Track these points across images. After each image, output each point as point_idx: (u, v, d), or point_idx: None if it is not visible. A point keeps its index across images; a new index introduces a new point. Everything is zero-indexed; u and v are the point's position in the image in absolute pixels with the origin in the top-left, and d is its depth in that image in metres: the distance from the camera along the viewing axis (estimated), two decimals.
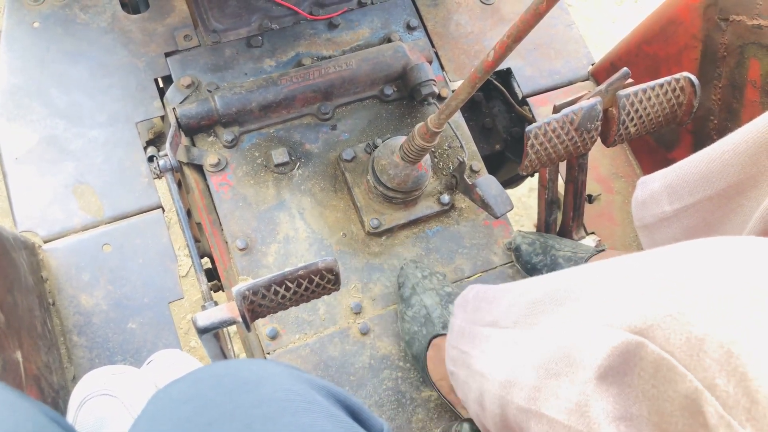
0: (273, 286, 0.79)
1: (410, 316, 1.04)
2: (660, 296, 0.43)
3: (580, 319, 0.50)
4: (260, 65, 1.24)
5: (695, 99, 0.99)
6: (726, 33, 1.01)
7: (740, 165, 0.78)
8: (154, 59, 1.22)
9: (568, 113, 0.95)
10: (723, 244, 0.44)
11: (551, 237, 1.14)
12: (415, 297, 1.05)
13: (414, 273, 1.08)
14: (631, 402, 0.45)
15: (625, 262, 0.51)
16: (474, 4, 1.36)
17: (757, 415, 0.37)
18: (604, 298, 0.48)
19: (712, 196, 0.83)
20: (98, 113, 1.17)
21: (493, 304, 0.71)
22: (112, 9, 1.24)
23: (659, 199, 0.90)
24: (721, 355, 0.38)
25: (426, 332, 1.00)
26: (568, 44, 1.36)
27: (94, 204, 1.11)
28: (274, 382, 0.40)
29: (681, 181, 0.86)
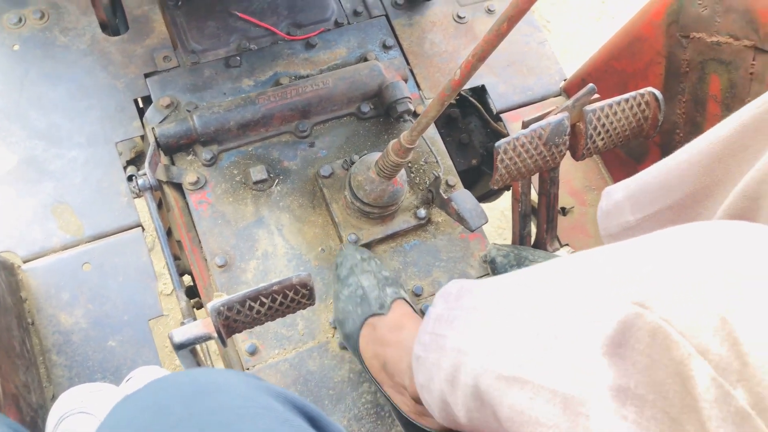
0: (248, 302, 0.81)
1: (345, 296, 1.04)
2: (660, 273, 0.45)
3: (581, 294, 0.51)
4: (239, 85, 1.26)
5: (660, 113, 1.02)
6: (687, 49, 1.04)
7: (696, 175, 0.81)
8: (134, 80, 1.24)
9: (536, 128, 0.98)
10: (716, 227, 0.47)
11: (525, 249, 1.16)
12: (352, 277, 1.05)
13: (353, 254, 1.08)
14: (627, 371, 0.47)
15: (624, 244, 0.53)
16: (448, 23, 1.39)
17: (747, 376, 0.39)
18: (605, 275, 0.50)
19: (672, 206, 0.86)
20: (77, 134, 1.18)
21: (477, 294, 0.72)
22: (92, 31, 1.26)
23: (623, 209, 0.93)
24: (715, 321, 0.41)
25: (361, 312, 1.01)
26: (540, 61, 1.39)
27: (74, 223, 1.12)
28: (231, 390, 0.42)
29: (642, 191, 0.89)
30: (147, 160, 1.10)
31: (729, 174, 0.79)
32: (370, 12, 1.38)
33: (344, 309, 1.03)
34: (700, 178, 0.82)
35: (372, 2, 1.38)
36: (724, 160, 0.79)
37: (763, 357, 0.38)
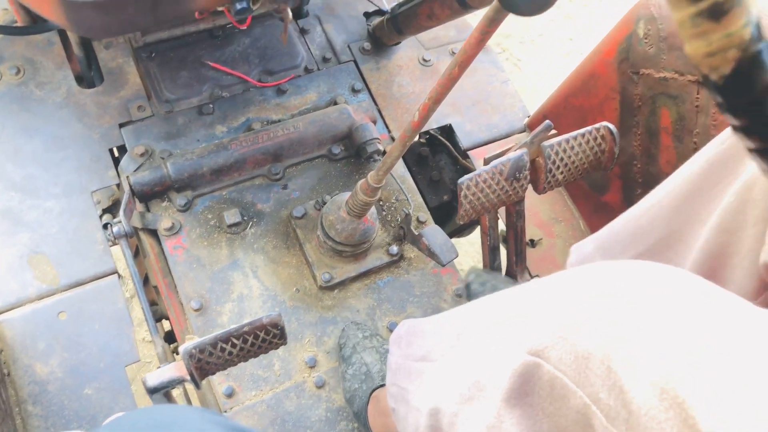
0: (219, 344, 0.82)
1: (351, 374, 1.06)
2: (552, 319, 0.48)
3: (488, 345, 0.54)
4: (212, 131, 1.29)
5: (615, 146, 1.06)
6: (638, 85, 1.09)
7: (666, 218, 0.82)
8: (109, 130, 1.27)
9: (497, 165, 1.02)
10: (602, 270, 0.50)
11: (504, 281, 1.16)
12: (355, 356, 1.07)
13: (355, 333, 1.11)
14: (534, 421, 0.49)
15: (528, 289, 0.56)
16: (414, 66, 1.44)
17: (634, 424, 0.41)
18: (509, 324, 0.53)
19: (643, 253, 0.86)
20: (53, 185, 1.20)
21: (423, 338, 0.74)
22: (67, 84, 1.29)
23: (593, 260, 0.93)
24: (602, 371, 0.43)
25: (366, 387, 1.03)
26: (504, 99, 1.44)
27: (50, 273, 1.14)
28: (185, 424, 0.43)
29: (613, 240, 0.90)
30: (122, 207, 1.12)
31: (698, 215, 0.79)
32: (338, 58, 1.43)
33: (351, 387, 1.06)
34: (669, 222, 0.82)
35: (340, 49, 1.43)
36: (692, 201, 0.79)
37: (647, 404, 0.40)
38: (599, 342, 0.44)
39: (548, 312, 0.49)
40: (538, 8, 0.57)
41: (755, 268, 0.74)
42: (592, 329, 0.45)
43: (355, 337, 1.11)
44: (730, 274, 0.78)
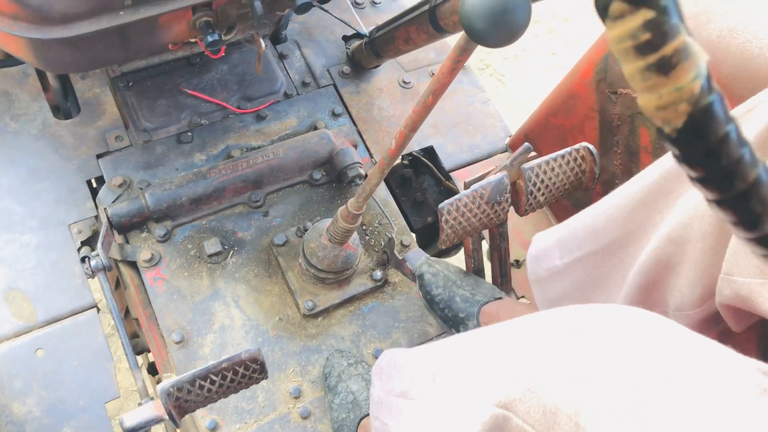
0: (197, 381, 0.81)
1: (337, 404, 1.04)
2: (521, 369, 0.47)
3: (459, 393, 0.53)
4: (191, 160, 1.28)
5: (596, 166, 1.06)
6: (617, 104, 1.09)
7: (621, 220, 0.85)
8: (86, 161, 1.25)
9: (477, 188, 1.01)
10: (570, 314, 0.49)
11: (457, 272, 1.14)
12: (341, 384, 1.05)
13: (339, 362, 1.09)
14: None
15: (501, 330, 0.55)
16: (394, 89, 1.44)
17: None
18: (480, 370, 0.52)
19: (598, 251, 0.89)
20: (30, 218, 1.19)
21: (402, 373, 0.73)
22: (43, 116, 1.28)
23: (551, 253, 0.95)
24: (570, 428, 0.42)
25: (354, 416, 1.01)
26: (485, 119, 1.44)
27: (27, 309, 1.11)
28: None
29: (571, 236, 0.92)
30: (99, 240, 1.10)
31: (651, 219, 0.83)
32: (318, 82, 1.42)
33: (338, 417, 1.03)
34: (625, 223, 0.85)
35: (320, 73, 1.43)
36: (647, 206, 0.83)
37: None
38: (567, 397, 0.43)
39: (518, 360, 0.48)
40: (505, 40, 0.56)
41: (700, 278, 0.77)
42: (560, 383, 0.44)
43: (339, 365, 1.08)
44: (675, 281, 0.81)
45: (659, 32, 0.31)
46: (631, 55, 0.32)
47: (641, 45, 0.32)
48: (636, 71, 0.33)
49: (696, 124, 0.33)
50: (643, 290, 0.85)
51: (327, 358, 1.12)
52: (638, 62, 0.32)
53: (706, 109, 0.33)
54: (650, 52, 0.32)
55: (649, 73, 0.32)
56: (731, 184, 0.35)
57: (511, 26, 0.56)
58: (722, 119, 0.33)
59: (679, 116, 0.33)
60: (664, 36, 0.31)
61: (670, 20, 0.31)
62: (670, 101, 0.33)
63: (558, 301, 0.99)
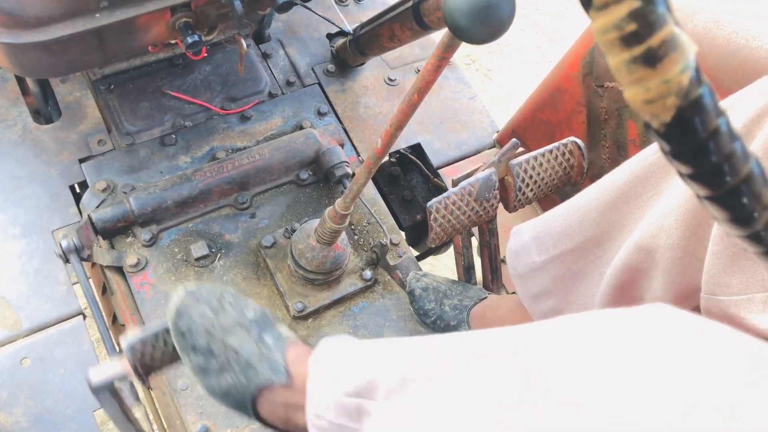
0: (162, 336, 0.79)
1: (216, 367, 0.78)
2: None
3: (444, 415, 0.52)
4: (175, 162, 1.26)
5: (584, 160, 1.06)
6: (604, 98, 1.09)
7: (594, 220, 0.85)
8: (68, 166, 1.23)
9: (465, 186, 1.00)
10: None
11: (446, 282, 1.15)
12: (215, 343, 0.78)
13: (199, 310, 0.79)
14: None
15: (493, 338, 0.54)
16: (380, 86, 1.43)
17: None
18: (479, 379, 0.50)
19: (574, 249, 0.89)
20: (11, 226, 1.16)
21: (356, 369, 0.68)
22: (23, 121, 1.26)
23: (529, 249, 0.95)
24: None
25: (247, 380, 0.77)
26: (472, 115, 1.43)
27: (11, 318, 1.09)
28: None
29: (546, 233, 0.92)
30: (76, 229, 1.09)
31: (623, 221, 0.82)
32: (302, 81, 1.41)
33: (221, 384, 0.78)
34: (597, 223, 0.85)
35: (304, 71, 1.41)
36: (618, 207, 0.82)
37: None
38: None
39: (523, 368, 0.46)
40: (489, 36, 0.55)
41: (671, 284, 0.77)
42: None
43: (202, 317, 0.79)
44: (648, 284, 0.81)
45: (645, 22, 0.30)
46: (616, 46, 0.31)
47: (627, 36, 0.30)
48: (622, 63, 0.32)
49: (685, 117, 0.32)
50: (618, 289, 0.85)
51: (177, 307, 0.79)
52: (624, 54, 0.31)
53: (695, 102, 0.31)
54: (636, 44, 0.30)
55: (635, 65, 0.31)
56: (722, 179, 0.34)
57: (494, 22, 0.55)
58: (713, 112, 0.32)
59: (668, 110, 0.32)
60: (651, 26, 0.30)
61: (656, 10, 0.30)
62: (657, 94, 0.31)
63: (540, 295, 0.99)
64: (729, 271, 0.65)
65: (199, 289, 0.81)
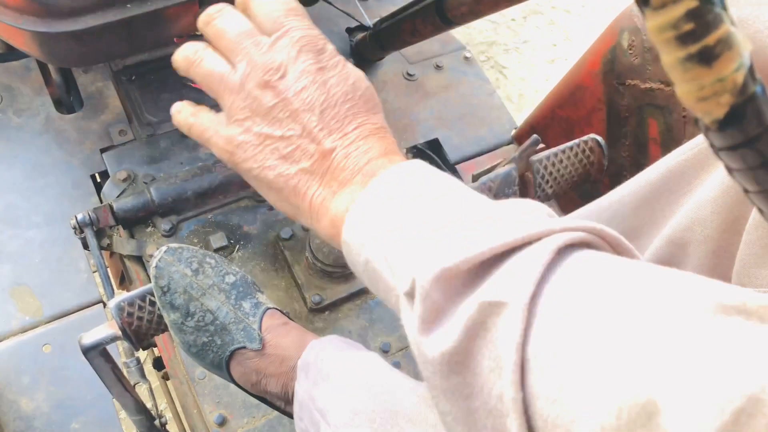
0: (148, 297, 0.80)
1: (192, 326, 0.80)
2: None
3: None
4: (196, 154, 1.27)
5: (604, 158, 1.06)
6: (625, 96, 1.09)
7: (626, 216, 0.85)
8: (90, 156, 1.24)
9: (486, 182, 1.00)
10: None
11: None
12: (193, 303, 0.80)
13: (179, 270, 0.80)
14: None
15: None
16: (399, 81, 1.43)
17: None
18: None
19: None
20: (34, 214, 1.18)
21: (326, 385, 0.70)
22: (46, 111, 1.27)
23: None
24: None
25: (222, 343, 0.80)
26: (491, 112, 1.43)
27: (33, 304, 1.11)
28: None
29: None
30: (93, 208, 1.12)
31: (654, 216, 0.83)
32: None
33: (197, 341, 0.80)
34: (628, 218, 0.85)
35: None
36: (650, 203, 0.83)
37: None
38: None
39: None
40: None
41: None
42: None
43: (181, 276, 0.80)
44: None
45: (702, 22, 0.30)
46: (672, 45, 0.31)
47: (683, 35, 0.31)
48: (677, 62, 0.32)
49: (739, 114, 0.32)
50: None
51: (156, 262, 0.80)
52: (679, 52, 0.31)
53: (749, 100, 0.32)
54: (692, 42, 0.31)
55: (690, 63, 0.32)
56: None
57: None
58: (765, 110, 0.33)
59: (722, 107, 0.32)
60: (708, 25, 0.30)
61: (713, 9, 0.30)
62: (712, 92, 0.32)
63: None
64: (761, 263, 0.65)
65: (180, 248, 0.82)
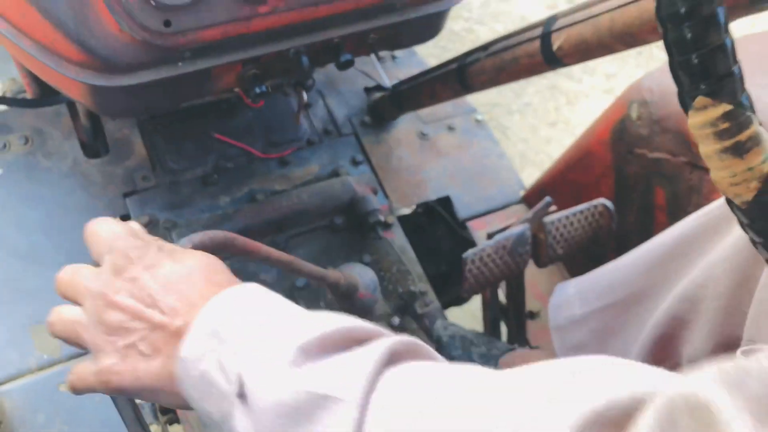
0: None
1: None
2: None
3: None
4: (216, 202, 1.31)
5: (613, 222, 1.10)
6: (633, 164, 1.14)
7: (639, 277, 0.90)
8: (114, 200, 1.28)
9: (500, 239, 1.05)
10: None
11: (472, 332, 1.18)
12: None
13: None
14: None
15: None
16: (413, 140, 1.49)
17: None
18: None
19: (616, 303, 0.93)
20: (57, 253, 1.21)
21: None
22: (74, 154, 1.31)
23: (572, 303, 1.00)
24: None
25: None
26: (500, 172, 1.49)
27: (51, 343, 1.12)
28: None
29: (591, 287, 0.97)
30: None
31: (668, 278, 0.87)
32: (340, 131, 1.47)
33: None
34: (642, 279, 0.90)
35: (342, 122, 1.48)
36: (664, 265, 0.87)
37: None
38: None
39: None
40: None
41: (713, 334, 0.82)
42: None
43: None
44: (689, 335, 0.86)
45: (736, 122, 0.36)
46: (710, 139, 0.37)
47: (720, 132, 0.36)
48: (713, 153, 0.37)
49: (764, 198, 0.38)
50: (657, 342, 0.90)
51: None
52: (716, 145, 0.37)
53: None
54: (728, 138, 0.36)
55: (725, 154, 0.37)
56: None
57: None
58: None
59: (750, 191, 0.38)
60: (741, 125, 0.36)
61: (745, 112, 0.36)
62: (742, 179, 0.37)
63: (576, 349, 1.03)
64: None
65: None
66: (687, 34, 0.36)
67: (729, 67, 0.35)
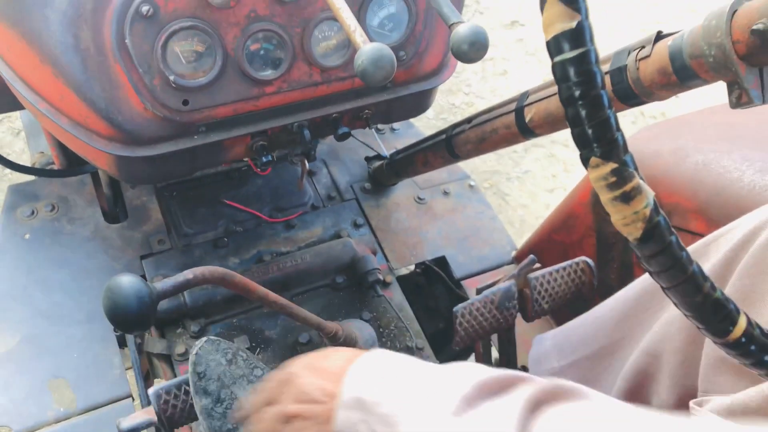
0: (183, 386, 0.89)
1: (221, 412, 0.91)
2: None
3: None
4: (226, 263, 1.40)
5: (594, 278, 1.18)
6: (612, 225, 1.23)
7: (609, 330, 0.97)
8: (131, 262, 1.38)
9: (488, 294, 1.12)
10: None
11: None
12: (224, 390, 0.92)
13: (215, 358, 0.93)
14: None
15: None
16: (410, 204, 1.59)
17: None
18: None
19: (589, 356, 1.00)
20: (77, 312, 1.29)
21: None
22: (96, 220, 1.42)
23: (549, 356, 1.06)
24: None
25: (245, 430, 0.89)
26: (492, 234, 1.58)
27: (68, 397, 1.20)
28: None
29: (566, 340, 1.04)
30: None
31: (633, 331, 0.94)
32: (342, 196, 1.58)
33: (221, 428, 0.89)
34: (612, 333, 0.97)
35: (344, 188, 1.59)
36: (629, 319, 0.95)
37: None
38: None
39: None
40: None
41: (675, 386, 0.88)
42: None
43: (216, 364, 0.93)
44: (655, 387, 0.92)
45: (621, 177, 0.46)
46: (604, 189, 0.47)
47: (611, 184, 0.46)
48: (608, 200, 0.47)
49: (649, 235, 0.47)
50: (628, 394, 0.96)
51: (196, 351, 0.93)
52: (609, 194, 0.47)
53: (655, 226, 0.47)
54: (616, 189, 0.46)
55: (616, 201, 0.47)
56: (675, 275, 0.48)
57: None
58: (666, 232, 0.47)
59: (638, 230, 0.47)
60: (625, 179, 0.46)
61: (628, 169, 0.46)
62: (631, 220, 0.47)
63: None
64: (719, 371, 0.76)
65: (218, 341, 0.95)
66: (581, 111, 0.46)
67: (613, 135, 0.45)
